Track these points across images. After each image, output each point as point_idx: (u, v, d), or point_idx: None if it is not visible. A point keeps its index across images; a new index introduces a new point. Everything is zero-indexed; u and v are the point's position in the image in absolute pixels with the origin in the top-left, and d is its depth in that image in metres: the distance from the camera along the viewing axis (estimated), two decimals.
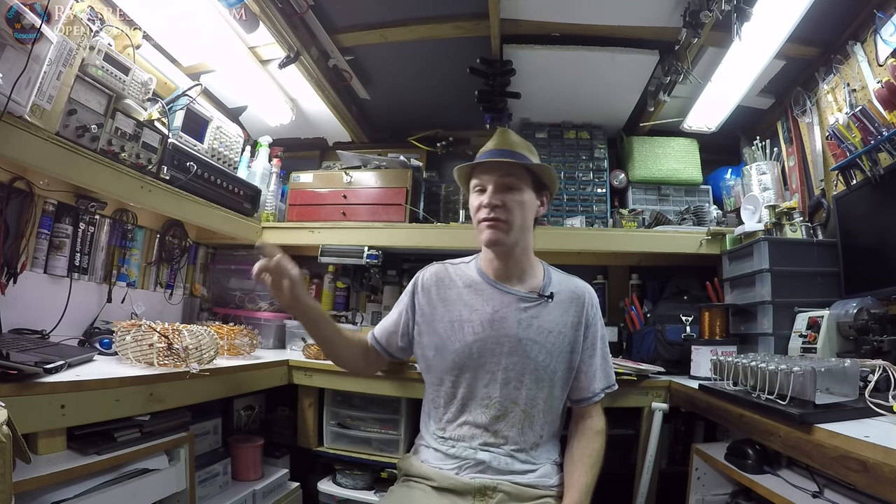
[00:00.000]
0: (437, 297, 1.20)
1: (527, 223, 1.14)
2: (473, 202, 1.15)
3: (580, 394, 1.17)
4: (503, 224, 1.10)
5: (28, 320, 1.39)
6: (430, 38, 1.86)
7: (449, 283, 1.21)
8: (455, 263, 1.26)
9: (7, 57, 1.07)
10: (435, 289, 1.21)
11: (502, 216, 1.10)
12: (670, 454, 1.76)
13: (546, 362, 1.12)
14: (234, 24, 1.67)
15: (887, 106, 1.35)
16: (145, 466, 1.16)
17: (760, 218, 1.78)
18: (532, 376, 1.11)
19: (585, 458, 1.11)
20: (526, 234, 1.16)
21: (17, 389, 0.88)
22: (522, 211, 1.12)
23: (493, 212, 1.10)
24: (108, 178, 1.40)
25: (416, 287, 1.24)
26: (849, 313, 1.28)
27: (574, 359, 1.16)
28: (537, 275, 1.20)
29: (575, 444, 1.15)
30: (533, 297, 1.15)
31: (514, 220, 1.10)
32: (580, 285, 1.22)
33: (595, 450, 1.13)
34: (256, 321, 2.06)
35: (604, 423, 1.18)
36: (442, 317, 1.17)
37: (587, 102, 2.21)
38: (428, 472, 1.10)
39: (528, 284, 1.17)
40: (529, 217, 1.15)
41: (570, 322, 1.16)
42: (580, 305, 1.18)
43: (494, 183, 1.11)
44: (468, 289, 1.18)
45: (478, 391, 1.12)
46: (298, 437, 1.81)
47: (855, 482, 0.82)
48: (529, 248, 1.19)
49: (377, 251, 2.09)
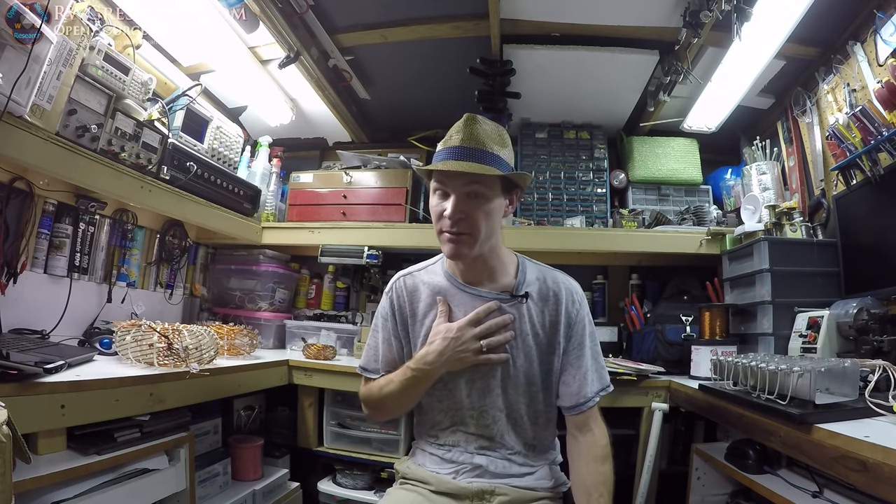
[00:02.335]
0: (411, 314, 1.11)
1: (494, 229, 1.03)
2: (434, 207, 1.02)
3: (573, 399, 1.05)
4: (467, 237, 0.98)
5: (28, 320, 1.38)
6: (430, 38, 1.86)
7: (418, 296, 1.11)
8: (421, 269, 1.16)
9: (7, 57, 1.07)
10: (409, 305, 1.12)
11: (465, 230, 0.98)
12: (670, 454, 1.77)
13: (525, 366, 1.05)
14: (234, 24, 1.67)
15: (887, 106, 1.35)
16: (145, 466, 1.16)
17: (760, 218, 1.78)
18: (511, 381, 1.06)
19: (601, 486, 0.98)
20: (492, 237, 1.04)
21: (17, 389, 0.88)
22: (489, 221, 0.99)
23: (457, 225, 0.98)
24: (108, 178, 1.40)
25: (392, 309, 1.13)
26: (849, 313, 1.28)
27: (554, 360, 1.07)
28: (509, 272, 1.10)
29: (584, 471, 1.01)
30: (506, 298, 1.06)
31: (479, 233, 0.98)
32: (559, 280, 1.10)
33: (607, 476, 1.00)
34: (256, 321, 2.07)
35: (607, 437, 1.05)
36: (417, 332, 1.10)
37: (587, 102, 2.21)
38: (425, 476, 1.08)
39: (499, 284, 1.08)
40: (497, 223, 1.03)
41: (547, 322, 1.07)
42: (557, 302, 1.07)
43: (458, 193, 0.97)
44: (436, 295, 1.09)
45: (462, 401, 1.07)
46: (298, 437, 1.82)
47: (855, 482, 0.81)
48: (498, 247, 1.09)
49: (377, 251, 2.09)
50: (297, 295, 2.40)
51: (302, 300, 2.39)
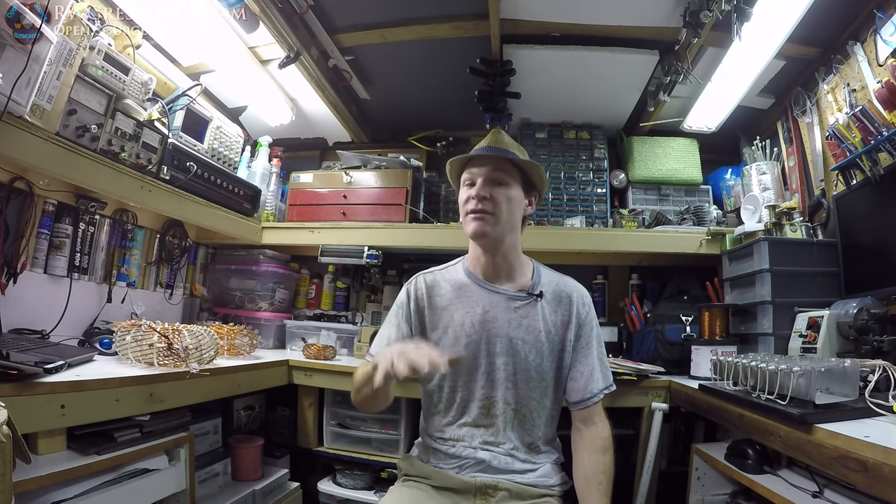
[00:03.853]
0: (429, 306, 1.18)
1: (514, 219, 1.13)
2: (462, 196, 1.14)
3: (579, 395, 1.13)
4: (490, 216, 1.09)
5: (28, 320, 1.39)
6: (430, 38, 1.86)
7: (438, 290, 1.19)
8: (442, 269, 1.24)
9: (7, 57, 1.07)
10: (427, 298, 1.18)
11: (489, 208, 1.09)
12: (670, 454, 1.77)
13: (536, 362, 1.11)
14: (234, 24, 1.67)
15: (887, 106, 1.35)
16: (145, 466, 1.16)
17: (760, 218, 1.78)
18: (523, 376, 1.10)
19: (601, 475, 1.06)
20: (513, 230, 1.14)
21: (17, 389, 0.88)
22: (510, 206, 1.11)
23: (481, 203, 1.09)
24: (108, 178, 1.40)
25: (409, 298, 1.20)
26: (849, 313, 1.28)
27: (565, 358, 1.14)
28: (526, 273, 1.18)
29: (585, 460, 1.09)
30: (522, 296, 1.14)
31: (501, 213, 1.09)
32: (570, 284, 1.20)
33: (607, 466, 1.07)
34: (256, 321, 2.07)
35: (609, 430, 1.13)
36: (435, 324, 1.16)
37: (587, 102, 2.21)
38: (428, 472, 1.10)
39: (516, 283, 1.16)
40: (517, 214, 1.14)
41: (560, 321, 1.14)
42: (569, 304, 1.16)
43: (484, 176, 1.10)
44: (457, 291, 1.17)
45: (475, 392, 1.11)
46: (298, 437, 1.82)
47: (855, 482, 0.81)
48: (517, 247, 1.18)
49: (377, 251, 2.09)
50: (297, 295, 2.40)
51: (302, 300, 2.39)
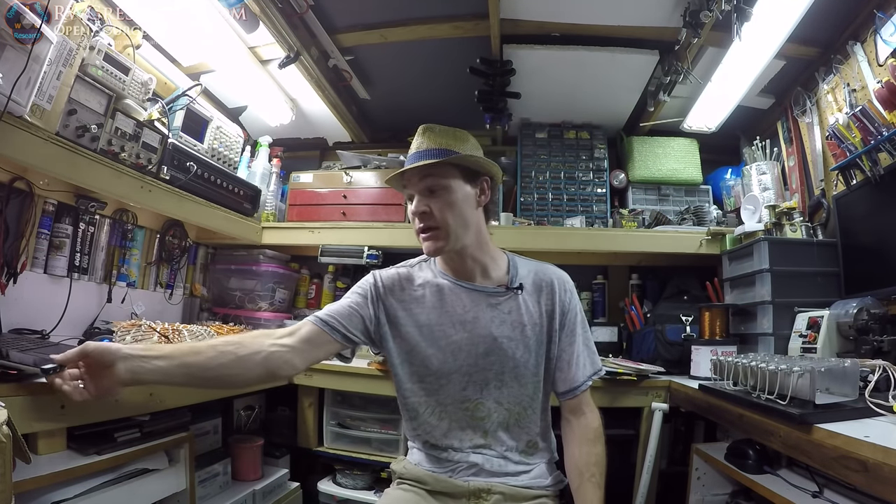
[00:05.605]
0: (399, 301, 1.11)
1: (466, 220, 1.05)
2: (409, 212, 1.09)
3: (567, 384, 1.09)
4: (437, 231, 1.03)
5: (28, 320, 1.38)
6: (430, 38, 1.86)
7: (409, 286, 1.12)
8: (411, 265, 1.17)
9: (7, 57, 1.07)
10: (398, 290, 1.12)
11: (433, 223, 1.03)
12: (670, 454, 1.77)
13: (525, 358, 1.07)
14: (234, 24, 1.67)
15: (887, 106, 1.35)
16: (145, 466, 1.16)
17: (760, 218, 1.78)
18: (512, 374, 1.07)
19: (593, 467, 1.04)
20: (469, 230, 1.06)
21: (17, 389, 0.88)
22: (454, 210, 1.03)
23: (422, 220, 1.04)
24: (108, 178, 1.40)
25: (375, 283, 1.12)
26: (849, 313, 1.28)
27: (552, 349, 1.10)
28: (501, 266, 1.13)
29: (577, 453, 1.06)
30: (501, 291, 1.10)
31: (446, 222, 1.03)
32: (549, 270, 1.15)
33: (599, 457, 1.06)
34: (256, 321, 2.06)
35: (599, 419, 1.10)
36: (405, 321, 1.10)
37: (587, 102, 2.21)
38: (421, 476, 1.08)
39: (492, 278, 1.11)
40: (467, 212, 1.05)
41: (543, 311, 1.10)
42: (551, 292, 1.11)
43: (417, 190, 1.05)
44: (432, 290, 1.11)
45: (456, 395, 1.07)
46: (298, 437, 1.82)
47: (855, 482, 0.81)
48: (484, 242, 1.11)
49: (377, 251, 2.09)
50: (297, 295, 2.40)
51: (302, 300, 2.39)
